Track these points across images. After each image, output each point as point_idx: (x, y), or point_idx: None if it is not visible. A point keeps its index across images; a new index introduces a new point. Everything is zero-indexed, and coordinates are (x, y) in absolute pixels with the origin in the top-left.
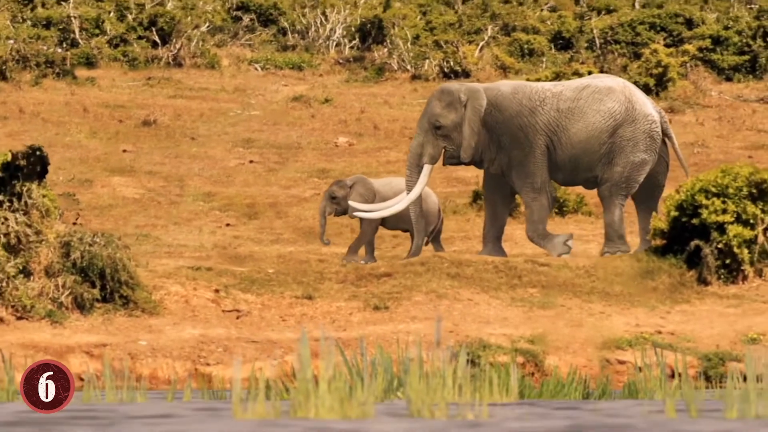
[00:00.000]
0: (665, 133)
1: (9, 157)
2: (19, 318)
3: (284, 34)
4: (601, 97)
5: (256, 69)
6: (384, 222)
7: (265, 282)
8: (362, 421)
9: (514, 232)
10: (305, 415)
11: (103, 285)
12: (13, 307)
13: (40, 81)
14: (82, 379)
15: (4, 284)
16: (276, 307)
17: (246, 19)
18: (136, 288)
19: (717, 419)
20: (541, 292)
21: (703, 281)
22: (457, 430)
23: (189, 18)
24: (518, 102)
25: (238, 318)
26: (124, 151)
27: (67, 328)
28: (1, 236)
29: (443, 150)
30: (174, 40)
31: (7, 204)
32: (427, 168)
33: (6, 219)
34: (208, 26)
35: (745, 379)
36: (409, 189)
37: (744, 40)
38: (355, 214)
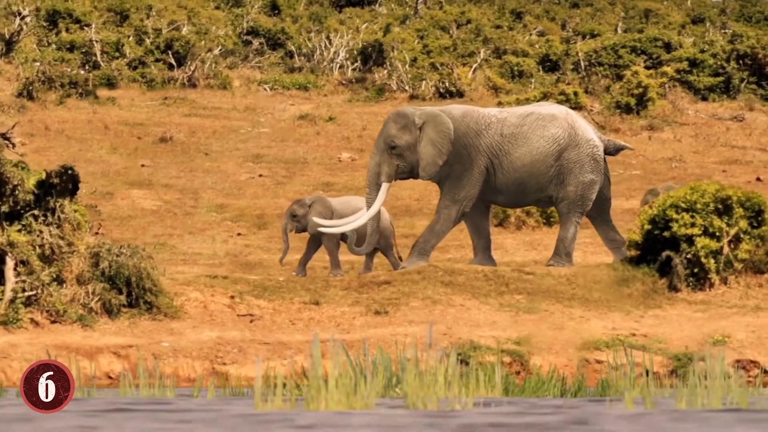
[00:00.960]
0: (609, 154)
1: (44, 176)
2: (53, 322)
3: (291, 57)
4: (545, 123)
5: (265, 89)
6: (344, 237)
7: (276, 289)
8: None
9: (505, 240)
10: (317, 408)
11: (129, 292)
12: (47, 311)
13: (65, 101)
14: (110, 377)
15: (39, 291)
16: (286, 311)
17: (256, 43)
18: (159, 294)
19: (661, 410)
20: (527, 298)
21: (673, 288)
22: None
23: (203, 42)
24: (466, 124)
25: (251, 322)
26: (143, 165)
27: (97, 330)
28: (37, 247)
29: (397, 167)
30: (189, 63)
31: (42, 218)
32: (384, 186)
33: (41, 232)
34: (220, 50)
35: (707, 376)
36: (369, 206)
37: (719, 63)
38: (319, 229)
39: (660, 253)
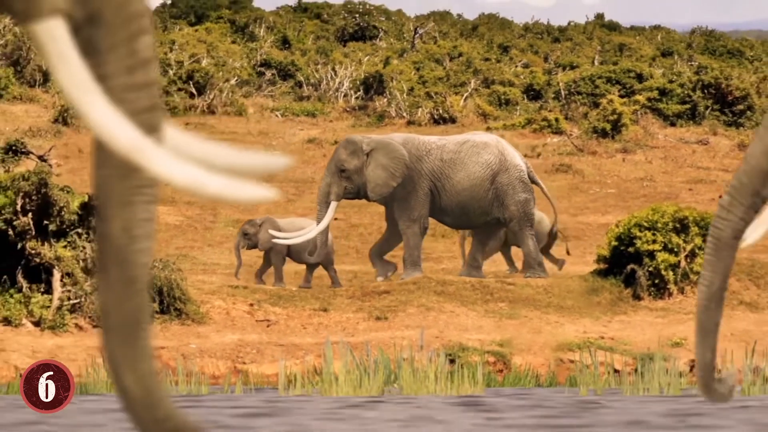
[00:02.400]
0: (532, 180)
1: (86, 199)
2: (95, 326)
3: (300, 86)
4: (479, 150)
5: (276, 116)
6: (290, 254)
7: (290, 297)
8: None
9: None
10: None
11: (161, 300)
12: (90, 317)
13: None
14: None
15: (82, 299)
16: (298, 317)
17: (268, 74)
18: (187, 302)
19: (607, 396)
20: (509, 305)
21: (636, 297)
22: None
23: (221, 73)
24: (408, 151)
25: (268, 326)
26: (166, 184)
27: None
28: (80, 261)
29: (345, 188)
30: (208, 92)
31: (85, 235)
32: (333, 204)
33: (84, 247)
34: (236, 80)
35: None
36: (319, 221)
37: (686, 92)
38: (273, 241)
39: (625, 267)
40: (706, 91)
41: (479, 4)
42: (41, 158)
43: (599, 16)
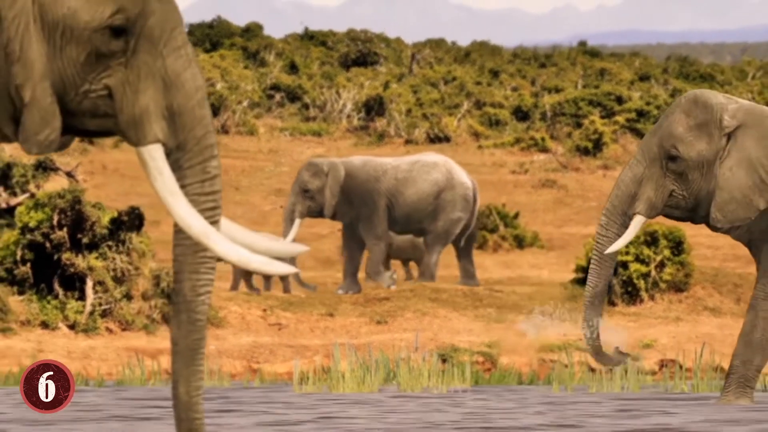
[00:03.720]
0: (474, 197)
1: (116, 214)
2: (124, 329)
3: (307, 108)
4: (429, 169)
5: (285, 135)
6: None
7: (299, 303)
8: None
9: (484, 261)
10: (338, 392)
11: None
12: (119, 321)
13: (119, 144)
14: (168, 373)
15: (113, 305)
16: (307, 321)
17: (278, 96)
18: (209, 307)
19: (576, 393)
20: (496, 311)
21: (611, 303)
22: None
23: (234, 96)
24: (366, 172)
25: (279, 329)
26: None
27: (158, 336)
28: (110, 271)
29: (308, 207)
30: (222, 113)
31: (115, 248)
32: (297, 221)
33: (114, 258)
34: (248, 102)
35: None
36: (285, 236)
37: (661, 113)
38: None
39: None
40: None
41: (477, 12)
42: (69, 174)
43: (582, 43)
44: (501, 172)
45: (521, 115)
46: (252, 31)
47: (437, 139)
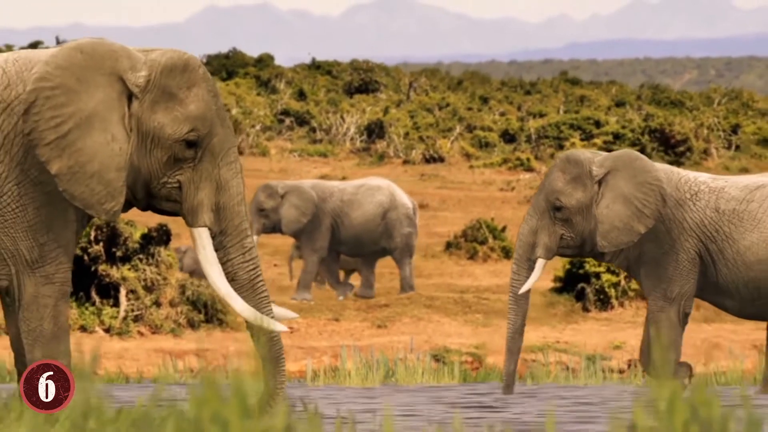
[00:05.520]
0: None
1: (146, 231)
2: (153, 333)
3: (314, 131)
4: (373, 192)
5: (294, 156)
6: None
7: (308, 309)
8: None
9: (475, 270)
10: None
11: (206, 311)
12: (149, 326)
13: None
14: (191, 371)
15: (144, 311)
16: (315, 325)
17: (287, 121)
18: (227, 313)
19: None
20: (484, 316)
21: (586, 309)
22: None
23: (247, 120)
24: (315, 193)
25: (291, 332)
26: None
27: (183, 339)
28: (141, 281)
29: (263, 224)
30: (236, 136)
31: (145, 260)
32: (255, 237)
33: (144, 270)
34: (260, 126)
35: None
36: None
37: (635, 136)
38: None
39: (576, 285)
40: (652, 135)
41: (476, 21)
42: None
43: (563, 73)
44: (490, 189)
45: (508, 137)
46: (264, 61)
47: (432, 159)
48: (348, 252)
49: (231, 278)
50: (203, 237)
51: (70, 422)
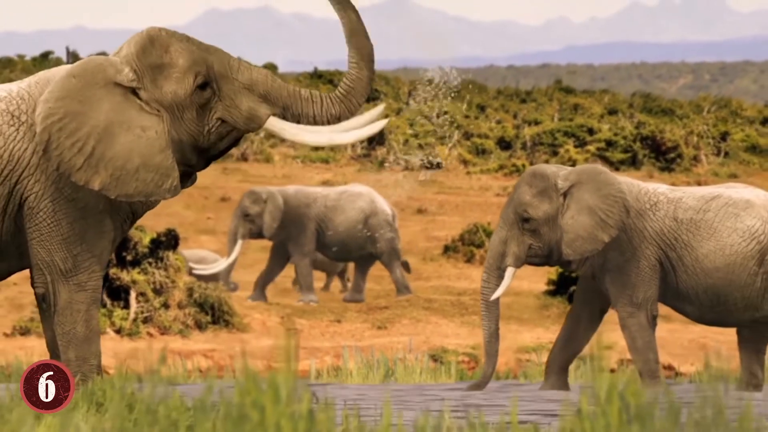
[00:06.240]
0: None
1: (155, 236)
2: (162, 334)
3: None
4: (354, 198)
5: (297, 162)
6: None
7: (312, 312)
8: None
9: (472, 273)
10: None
11: (213, 313)
12: (158, 327)
13: None
14: (200, 371)
15: (153, 313)
16: (318, 327)
17: None
18: (233, 315)
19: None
20: (480, 318)
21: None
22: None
23: None
24: (297, 199)
25: (294, 334)
26: (208, 218)
27: (191, 339)
28: (151, 284)
29: (250, 230)
30: (242, 143)
31: (154, 264)
32: (239, 242)
33: (153, 273)
34: (264, 133)
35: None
36: (229, 255)
37: (627, 143)
38: (194, 272)
39: (569, 287)
40: (644, 142)
41: (474, 24)
42: None
43: (558, 82)
44: (486, 194)
45: (504, 144)
46: (268, 70)
47: (430, 165)
48: (336, 256)
49: (330, 118)
50: (275, 123)
51: (145, 407)
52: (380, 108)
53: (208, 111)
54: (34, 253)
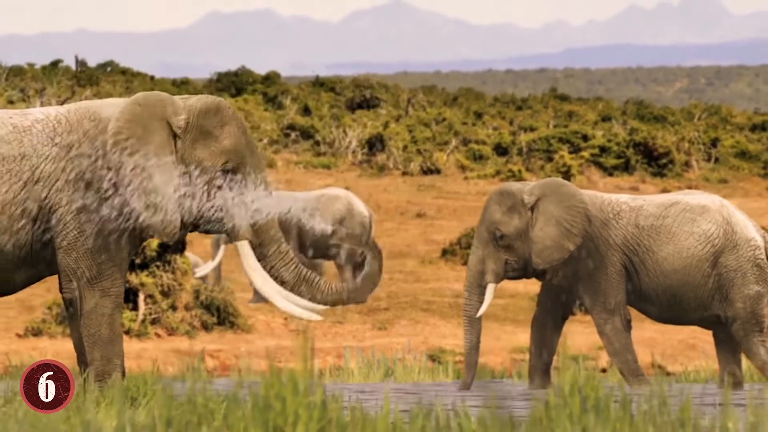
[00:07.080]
0: (369, 225)
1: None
2: (170, 334)
3: (318, 144)
4: (332, 202)
5: (299, 168)
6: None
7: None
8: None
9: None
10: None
11: (219, 314)
12: (166, 328)
13: None
14: (206, 371)
15: (161, 315)
16: (320, 328)
17: (293, 135)
18: (238, 316)
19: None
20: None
21: (572, 314)
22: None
23: (255, 134)
24: None
25: (298, 335)
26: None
27: (198, 340)
28: (159, 286)
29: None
30: None
31: (162, 267)
32: (222, 247)
33: (162, 276)
34: (268, 140)
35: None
36: (213, 257)
37: (620, 149)
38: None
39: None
40: (636, 148)
41: (473, 27)
42: None
43: (553, 90)
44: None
45: (501, 150)
46: (271, 79)
47: (429, 171)
48: (313, 256)
49: (280, 282)
50: (245, 248)
51: (186, 397)
52: (320, 308)
53: (215, 193)
54: (61, 262)
